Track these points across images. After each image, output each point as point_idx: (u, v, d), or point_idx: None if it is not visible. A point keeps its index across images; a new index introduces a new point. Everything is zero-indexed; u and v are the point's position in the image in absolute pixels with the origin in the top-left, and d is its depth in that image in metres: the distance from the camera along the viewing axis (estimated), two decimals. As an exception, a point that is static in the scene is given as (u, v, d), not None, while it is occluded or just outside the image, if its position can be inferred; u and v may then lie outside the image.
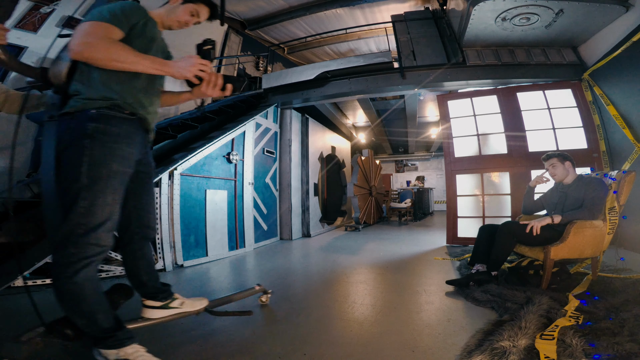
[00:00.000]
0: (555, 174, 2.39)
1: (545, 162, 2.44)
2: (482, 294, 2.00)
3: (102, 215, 1.06)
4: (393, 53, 4.84)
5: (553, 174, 2.41)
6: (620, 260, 2.58)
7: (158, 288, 1.46)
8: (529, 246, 2.25)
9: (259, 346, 1.46)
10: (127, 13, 1.18)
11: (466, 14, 3.51)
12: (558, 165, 2.36)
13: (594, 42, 3.66)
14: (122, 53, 1.08)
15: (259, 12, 6.78)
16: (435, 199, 11.78)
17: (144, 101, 1.25)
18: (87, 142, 1.06)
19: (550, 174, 2.43)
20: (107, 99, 1.12)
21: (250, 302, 2.02)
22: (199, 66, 1.24)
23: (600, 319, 1.55)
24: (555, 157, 2.39)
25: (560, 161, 2.36)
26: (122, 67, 1.10)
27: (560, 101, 3.95)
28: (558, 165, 2.36)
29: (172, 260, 3.10)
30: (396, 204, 8.11)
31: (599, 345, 1.27)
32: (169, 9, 1.38)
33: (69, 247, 1.01)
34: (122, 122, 1.15)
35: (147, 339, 1.36)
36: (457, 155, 4.29)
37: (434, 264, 3.13)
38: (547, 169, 2.44)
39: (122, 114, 1.15)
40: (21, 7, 3.63)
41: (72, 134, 1.08)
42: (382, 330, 1.60)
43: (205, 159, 3.61)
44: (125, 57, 1.09)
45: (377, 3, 6.28)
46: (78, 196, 1.03)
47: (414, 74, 4.42)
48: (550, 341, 1.31)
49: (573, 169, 2.37)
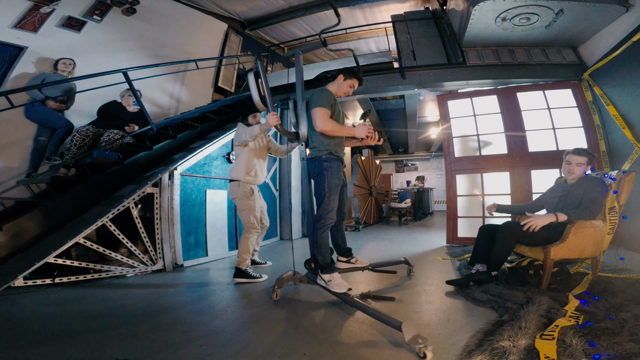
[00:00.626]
0: (574, 172, 2.25)
1: (572, 156, 2.27)
2: (482, 294, 2.00)
3: (332, 206, 2.02)
4: (393, 53, 4.85)
5: (572, 172, 2.26)
6: (620, 260, 2.57)
7: (346, 250, 2.42)
8: (529, 246, 2.25)
9: (259, 346, 1.46)
10: (330, 100, 2.07)
11: (466, 14, 3.51)
12: (583, 166, 2.24)
13: (594, 42, 3.66)
14: (336, 126, 2.03)
15: (259, 12, 6.78)
16: (435, 199, 11.76)
17: (340, 149, 2.16)
18: (326, 172, 2.03)
19: (569, 169, 2.28)
20: (328, 150, 2.06)
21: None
22: (369, 130, 2.09)
23: (600, 319, 1.55)
24: (586, 157, 2.23)
25: (587, 162, 2.24)
26: (335, 134, 2.06)
27: (560, 101, 3.94)
28: (583, 166, 2.24)
29: (172, 261, 3.10)
30: (396, 204, 8.10)
31: (599, 345, 1.27)
32: (338, 84, 2.20)
33: (321, 220, 1.99)
34: (335, 160, 2.08)
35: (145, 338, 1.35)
36: (457, 155, 4.29)
37: (434, 264, 3.13)
38: (568, 162, 2.29)
39: (334, 156, 2.08)
40: (21, 7, 3.63)
41: (317, 168, 2.06)
42: (382, 330, 1.60)
43: (205, 159, 3.61)
44: (338, 128, 2.03)
45: (377, 3, 6.27)
46: (324, 197, 2.00)
47: (414, 74, 4.42)
48: (550, 341, 1.31)
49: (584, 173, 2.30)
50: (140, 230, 2.95)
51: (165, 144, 3.73)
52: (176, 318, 1.86)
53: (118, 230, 2.81)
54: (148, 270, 2.97)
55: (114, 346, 1.48)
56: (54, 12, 3.88)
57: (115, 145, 3.41)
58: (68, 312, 1.97)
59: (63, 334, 1.63)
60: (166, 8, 5.20)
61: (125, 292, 2.41)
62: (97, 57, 4.25)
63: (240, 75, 6.84)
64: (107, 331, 1.66)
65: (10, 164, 3.34)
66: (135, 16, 4.71)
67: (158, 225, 3.06)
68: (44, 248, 2.52)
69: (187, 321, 1.79)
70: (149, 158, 3.55)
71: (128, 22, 4.68)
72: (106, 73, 3.24)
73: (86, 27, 4.22)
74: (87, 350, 1.45)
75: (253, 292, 2.36)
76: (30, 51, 3.65)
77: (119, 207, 2.79)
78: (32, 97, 3.40)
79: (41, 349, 1.46)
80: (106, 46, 4.45)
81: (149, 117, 3.64)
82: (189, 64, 5.03)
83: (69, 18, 4.03)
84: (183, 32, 5.48)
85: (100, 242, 2.91)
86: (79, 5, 4.15)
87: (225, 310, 1.96)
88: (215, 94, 6.33)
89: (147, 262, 2.98)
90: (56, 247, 2.46)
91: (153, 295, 2.34)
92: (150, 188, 3.03)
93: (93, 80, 3.17)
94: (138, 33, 4.80)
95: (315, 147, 2.09)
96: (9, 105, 2.70)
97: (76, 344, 1.51)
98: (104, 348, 1.47)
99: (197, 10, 5.85)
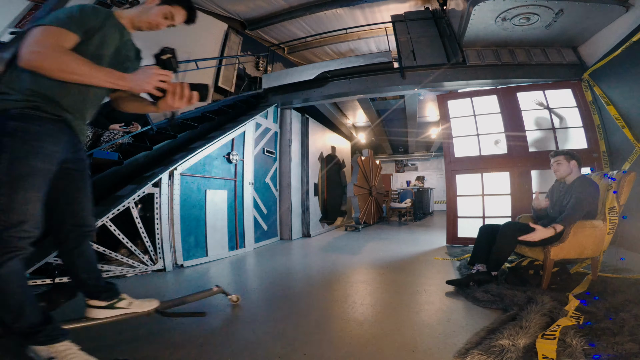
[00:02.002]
0: (557, 170, 2.43)
1: (552, 158, 2.49)
2: (482, 294, 2.00)
3: (23, 211, 1.04)
4: (393, 53, 4.84)
5: (556, 170, 2.45)
6: (620, 260, 2.58)
7: (101, 287, 1.42)
8: (529, 246, 2.25)
9: (259, 346, 1.46)
10: (85, 15, 1.14)
11: (466, 14, 3.51)
12: (563, 163, 2.40)
13: (594, 42, 3.66)
14: (74, 65, 1.06)
15: (259, 12, 6.78)
16: (435, 199, 11.77)
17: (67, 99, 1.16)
18: (7, 140, 1.04)
19: (553, 169, 2.47)
20: (27, 99, 1.08)
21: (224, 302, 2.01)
22: (159, 77, 1.19)
23: (600, 319, 1.55)
24: (562, 155, 2.42)
25: (566, 159, 2.40)
26: (73, 79, 1.08)
27: (561, 101, 3.94)
28: (563, 162, 2.40)
29: (172, 260, 3.10)
30: (396, 204, 8.10)
31: (599, 345, 1.27)
32: (143, 9, 1.34)
33: None
34: (46, 121, 1.11)
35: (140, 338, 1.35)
36: (457, 155, 4.29)
37: (434, 264, 3.13)
38: (551, 164, 2.49)
39: (47, 114, 1.11)
40: (20, 7, 3.63)
41: None
42: (382, 330, 1.60)
43: (205, 159, 3.60)
44: (78, 69, 1.06)
45: (377, 3, 6.28)
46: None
47: (414, 74, 4.42)
48: (552, 341, 1.31)
49: (578, 169, 2.38)
50: (140, 230, 2.95)
51: (165, 144, 3.72)
52: (176, 318, 1.86)
53: (118, 230, 2.81)
54: (148, 270, 2.97)
55: (116, 346, 1.48)
56: (54, 12, 3.87)
57: (115, 145, 3.41)
58: (68, 312, 1.96)
59: (63, 334, 1.62)
60: (166, 8, 5.19)
61: (125, 292, 2.40)
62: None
63: (240, 75, 6.84)
64: (107, 331, 1.66)
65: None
66: (135, 16, 4.70)
67: (158, 225, 3.06)
68: (44, 248, 2.51)
69: (187, 321, 1.79)
70: (149, 158, 3.55)
71: (128, 22, 4.67)
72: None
73: (86, 27, 4.22)
74: (87, 350, 1.45)
75: (252, 292, 2.36)
76: (30, 51, 3.65)
77: (119, 207, 2.79)
78: None
79: (41, 349, 1.45)
80: (106, 46, 4.44)
81: (149, 117, 3.64)
82: (189, 64, 5.03)
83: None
84: (183, 32, 5.45)
85: (100, 242, 2.91)
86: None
87: (225, 310, 1.96)
88: (215, 94, 6.34)
89: (147, 262, 2.98)
90: (56, 247, 2.46)
91: (153, 295, 2.32)
92: (150, 188, 3.02)
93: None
94: (138, 33, 4.78)
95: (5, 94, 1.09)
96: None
97: (78, 344, 1.50)
98: (106, 348, 1.46)
99: (197, 10, 5.84)
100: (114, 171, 3.21)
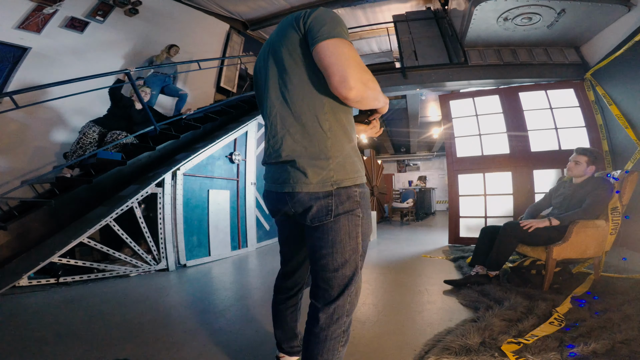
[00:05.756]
0: (573, 168, 2.31)
1: (575, 153, 2.34)
2: (477, 296, 2.01)
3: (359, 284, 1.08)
4: (394, 53, 4.86)
5: (571, 168, 2.33)
6: (622, 260, 2.57)
7: None
8: (531, 246, 2.25)
9: (261, 346, 1.47)
10: None
11: (468, 14, 3.50)
12: (582, 165, 2.28)
13: (596, 42, 3.65)
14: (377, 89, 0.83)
15: (261, 12, 6.78)
16: (437, 199, 11.75)
17: None
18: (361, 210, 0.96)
19: (569, 165, 2.35)
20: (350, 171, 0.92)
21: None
22: None
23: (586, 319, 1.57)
24: (586, 157, 2.28)
25: (587, 163, 2.28)
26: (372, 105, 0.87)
27: (563, 101, 3.93)
28: (582, 164, 2.28)
29: (175, 260, 3.12)
30: (398, 204, 8.10)
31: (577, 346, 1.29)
32: None
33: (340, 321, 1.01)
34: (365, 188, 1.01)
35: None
36: (459, 155, 4.29)
37: (435, 264, 3.13)
38: (570, 159, 2.36)
39: None
40: (24, 7, 3.65)
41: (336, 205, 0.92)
42: (384, 329, 1.61)
43: (208, 159, 3.62)
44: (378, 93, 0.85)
45: (378, 3, 6.27)
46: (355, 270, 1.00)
47: (415, 74, 4.42)
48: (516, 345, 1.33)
49: (592, 174, 2.31)
50: (143, 230, 2.97)
51: (168, 145, 3.74)
52: (179, 317, 1.88)
53: (122, 230, 2.83)
54: (151, 270, 2.99)
55: (118, 345, 1.50)
56: (57, 12, 3.90)
57: (119, 145, 3.43)
58: (72, 311, 1.98)
59: (67, 333, 1.65)
60: (168, 9, 5.21)
61: (128, 292, 2.42)
62: (100, 58, 4.28)
63: (242, 76, 6.85)
64: (111, 330, 1.68)
65: (14, 164, 3.37)
66: (137, 17, 4.73)
67: (161, 225, 3.08)
68: (48, 248, 2.53)
69: (190, 320, 1.80)
70: (152, 158, 3.57)
71: (130, 22, 4.70)
72: (109, 74, 3.26)
73: (89, 27, 4.24)
74: (91, 349, 1.46)
75: (255, 292, 2.38)
76: (34, 52, 3.67)
77: (122, 207, 2.81)
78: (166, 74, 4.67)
79: (45, 349, 1.47)
80: (109, 47, 4.47)
81: (152, 118, 3.65)
82: (191, 65, 5.05)
83: (72, 19, 4.05)
84: (185, 32, 5.50)
85: (104, 242, 2.93)
86: (81, 6, 4.16)
87: (228, 310, 1.97)
88: (217, 94, 6.35)
89: (150, 262, 2.99)
90: (60, 246, 2.48)
91: (156, 295, 2.35)
92: (153, 188, 3.04)
93: (96, 81, 3.18)
94: (140, 34, 4.82)
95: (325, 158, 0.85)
96: (14, 105, 2.72)
97: (80, 344, 1.52)
98: (108, 347, 1.48)
99: (199, 10, 5.87)
100: (117, 171, 3.23)
